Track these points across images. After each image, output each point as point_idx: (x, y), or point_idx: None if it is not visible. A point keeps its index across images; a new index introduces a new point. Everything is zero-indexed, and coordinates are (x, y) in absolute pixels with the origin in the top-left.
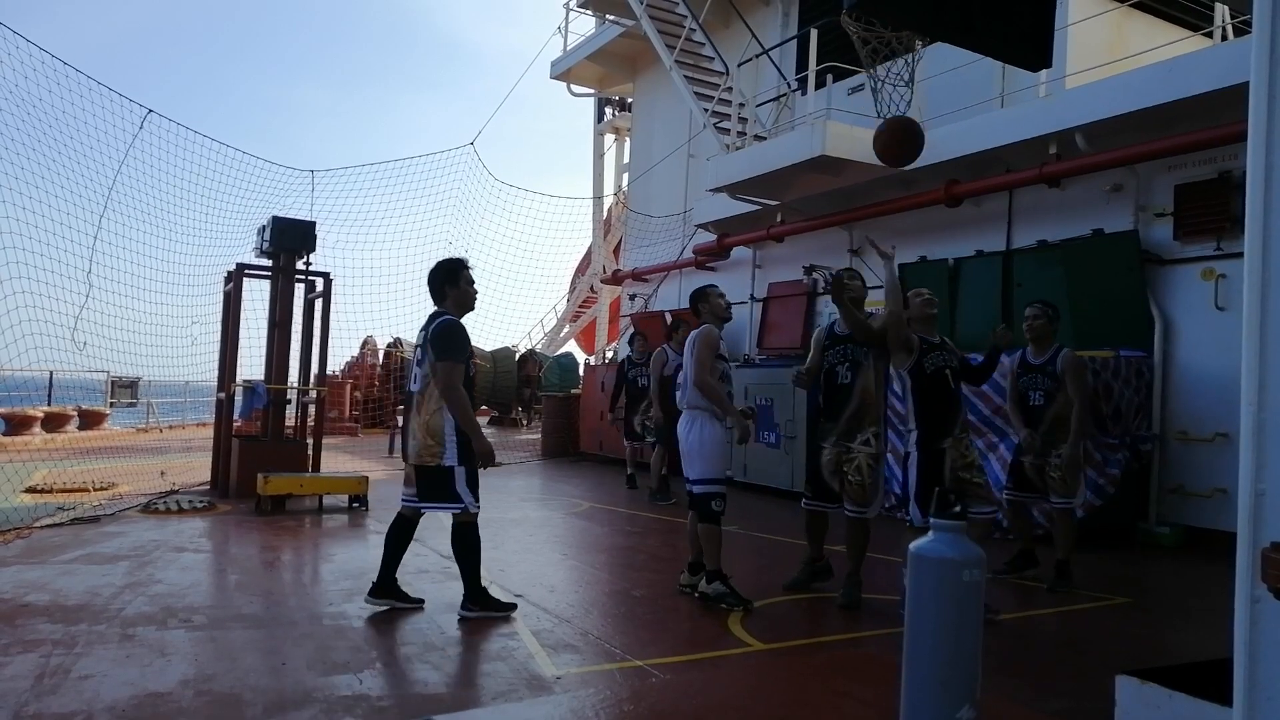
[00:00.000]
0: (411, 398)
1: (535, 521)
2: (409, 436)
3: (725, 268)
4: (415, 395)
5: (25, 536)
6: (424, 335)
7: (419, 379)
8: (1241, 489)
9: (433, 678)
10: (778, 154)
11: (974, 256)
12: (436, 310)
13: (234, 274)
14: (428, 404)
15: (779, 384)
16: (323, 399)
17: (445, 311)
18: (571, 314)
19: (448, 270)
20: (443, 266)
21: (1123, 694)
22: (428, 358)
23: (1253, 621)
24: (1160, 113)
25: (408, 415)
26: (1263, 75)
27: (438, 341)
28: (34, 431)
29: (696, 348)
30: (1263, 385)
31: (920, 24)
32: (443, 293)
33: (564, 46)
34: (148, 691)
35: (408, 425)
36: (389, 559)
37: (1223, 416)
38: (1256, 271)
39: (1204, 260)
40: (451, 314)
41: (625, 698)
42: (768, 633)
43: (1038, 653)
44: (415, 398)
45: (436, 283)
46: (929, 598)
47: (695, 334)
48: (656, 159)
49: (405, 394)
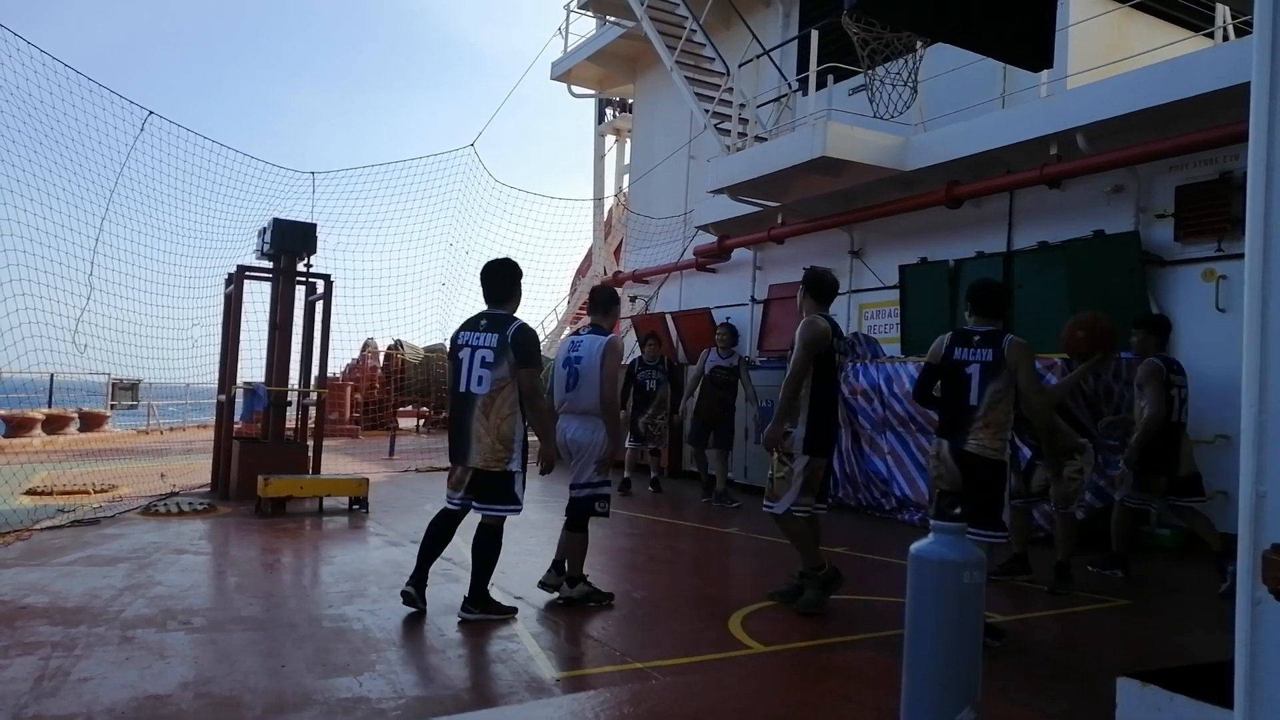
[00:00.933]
0: (473, 399)
1: (535, 523)
2: (470, 439)
3: (726, 269)
4: (482, 398)
5: (25, 538)
6: (496, 338)
7: (488, 381)
8: (1242, 491)
9: (432, 680)
10: (778, 155)
11: (975, 258)
12: (502, 313)
13: (235, 276)
14: (499, 408)
15: (780, 385)
16: (323, 401)
17: (512, 315)
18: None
19: (517, 272)
20: (512, 266)
21: (1123, 696)
22: (505, 361)
23: (1254, 624)
24: (1161, 113)
25: (464, 417)
26: (1264, 76)
27: (522, 348)
28: (34, 433)
29: (608, 358)
30: (1263, 387)
31: (920, 24)
32: (509, 293)
33: (564, 47)
34: (147, 694)
35: (465, 427)
36: (424, 554)
37: (1224, 418)
38: (1257, 273)
39: (1205, 261)
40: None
41: (625, 700)
42: (768, 635)
43: (1038, 655)
44: (481, 400)
45: (505, 282)
46: (929, 599)
47: (606, 342)
48: (657, 160)
49: (460, 395)
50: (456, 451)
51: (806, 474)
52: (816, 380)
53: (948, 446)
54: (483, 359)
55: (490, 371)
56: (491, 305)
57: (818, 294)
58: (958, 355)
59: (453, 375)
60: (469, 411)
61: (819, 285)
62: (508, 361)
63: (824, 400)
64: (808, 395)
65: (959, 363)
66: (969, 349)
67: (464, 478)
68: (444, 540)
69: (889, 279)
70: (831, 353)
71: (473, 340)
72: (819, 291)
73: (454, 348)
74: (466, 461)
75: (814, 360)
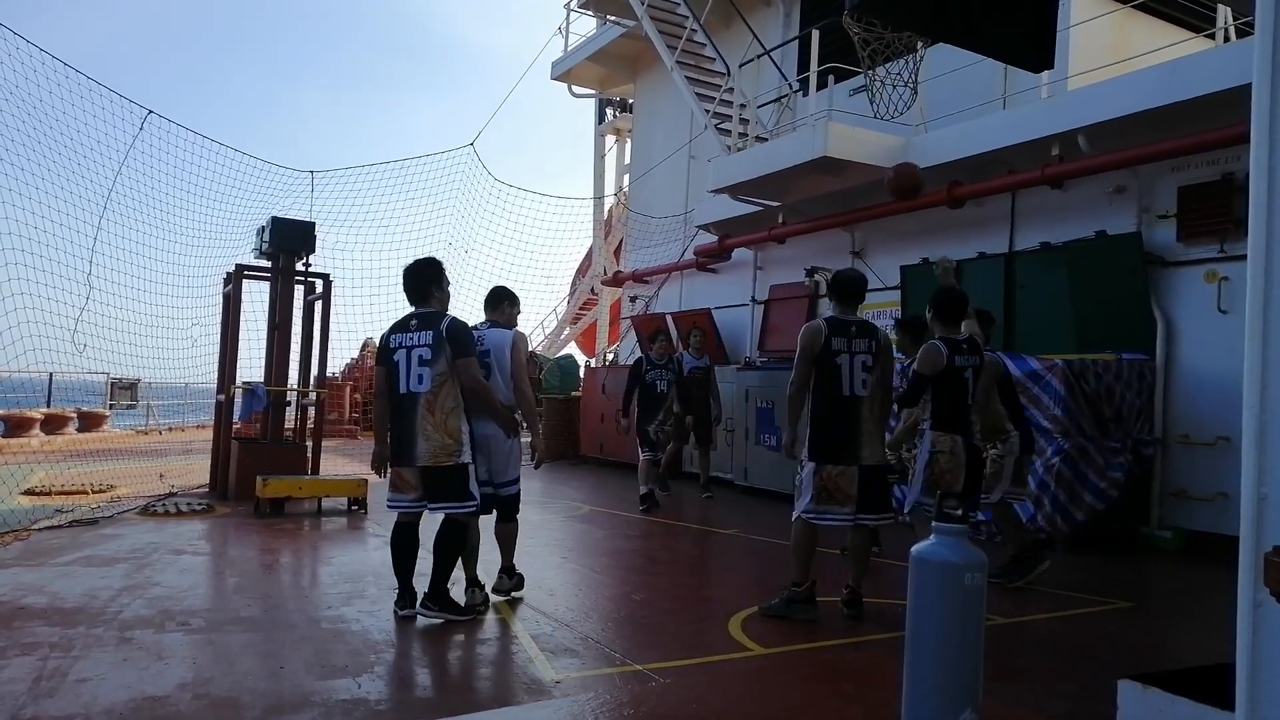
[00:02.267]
0: (415, 398)
1: (535, 524)
2: (416, 438)
3: (726, 269)
4: (424, 395)
5: (23, 539)
6: (430, 334)
7: (428, 379)
8: (1244, 493)
9: (431, 681)
10: (779, 155)
11: (976, 258)
12: (431, 310)
13: (233, 275)
14: (443, 403)
15: (780, 387)
16: (322, 401)
17: (443, 311)
18: (572, 316)
19: (437, 270)
20: (430, 265)
21: (1125, 698)
22: (442, 356)
23: (1255, 626)
24: (1163, 114)
25: (408, 417)
26: (1265, 76)
27: (457, 339)
28: (33, 433)
29: (516, 352)
30: (1265, 388)
31: (921, 25)
32: (428, 292)
33: (565, 47)
34: (145, 695)
35: (410, 427)
36: (405, 572)
37: (1225, 420)
38: (1259, 274)
39: (1207, 262)
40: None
41: (625, 702)
42: (768, 637)
43: (1039, 657)
44: (424, 398)
45: (425, 282)
46: (931, 601)
47: (514, 334)
48: (657, 160)
49: (401, 396)
50: (403, 454)
51: (817, 482)
52: (815, 385)
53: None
54: (420, 357)
55: (429, 369)
56: (417, 305)
57: (836, 295)
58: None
59: (389, 378)
60: (413, 411)
61: (834, 286)
62: (444, 356)
63: (822, 405)
64: (809, 401)
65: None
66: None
67: (413, 479)
68: (413, 550)
69: (890, 280)
70: (829, 354)
71: (405, 341)
72: (836, 292)
73: (386, 351)
74: (415, 461)
75: (813, 365)
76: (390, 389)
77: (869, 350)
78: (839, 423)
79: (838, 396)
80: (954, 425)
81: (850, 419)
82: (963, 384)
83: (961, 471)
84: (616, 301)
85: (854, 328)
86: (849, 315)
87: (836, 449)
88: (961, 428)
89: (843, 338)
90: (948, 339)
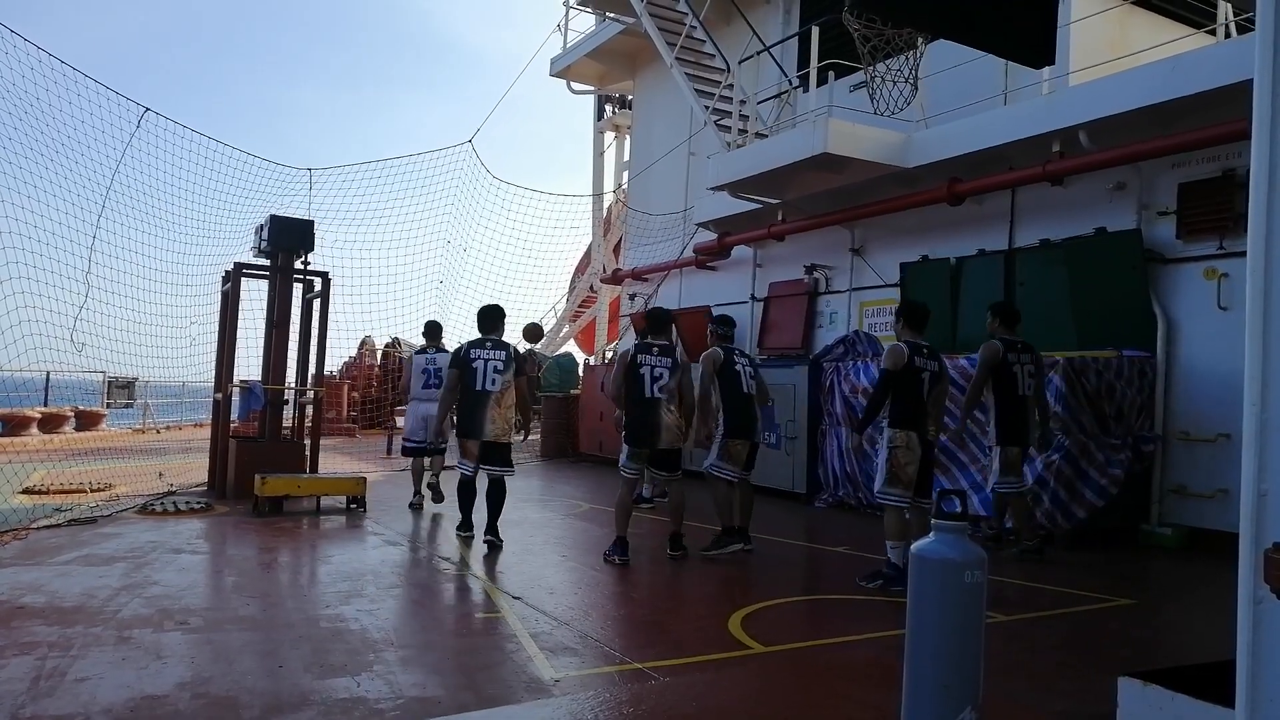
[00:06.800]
0: (488, 394)
1: (534, 523)
2: (486, 421)
3: (726, 267)
4: (495, 394)
5: (22, 538)
6: (504, 354)
7: (499, 383)
8: (1244, 490)
9: (430, 680)
10: (779, 152)
11: (976, 255)
12: (501, 339)
13: (232, 273)
14: (506, 400)
15: (780, 384)
16: (320, 399)
17: (503, 339)
18: (571, 314)
19: (503, 312)
20: (500, 309)
21: (1125, 695)
22: (510, 369)
23: (1255, 623)
24: (1163, 110)
25: (480, 406)
26: (1266, 72)
27: (521, 362)
28: (31, 432)
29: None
30: (1266, 385)
31: (922, 21)
32: (499, 326)
33: (564, 44)
34: (144, 694)
35: (483, 413)
36: (467, 509)
37: (1225, 417)
38: (1259, 271)
39: (1207, 259)
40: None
41: (625, 701)
42: (768, 635)
43: (1040, 654)
44: (494, 395)
45: (498, 319)
46: (931, 599)
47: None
48: (657, 157)
49: (477, 392)
50: (473, 429)
51: (721, 448)
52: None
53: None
54: (494, 368)
55: (500, 375)
56: (488, 333)
57: (908, 320)
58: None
59: (468, 378)
60: (485, 403)
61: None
62: (511, 370)
63: (727, 398)
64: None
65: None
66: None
67: (475, 449)
68: (473, 496)
69: (890, 277)
70: (727, 365)
71: (483, 355)
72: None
73: (466, 360)
74: (481, 436)
75: (716, 374)
76: (465, 385)
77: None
78: (742, 412)
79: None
80: (909, 422)
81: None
82: (919, 384)
83: (917, 464)
84: (616, 299)
85: (925, 350)
86: (921, 340)
87: (739, 427)
88: (917, 424)
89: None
90: (911, 342)
